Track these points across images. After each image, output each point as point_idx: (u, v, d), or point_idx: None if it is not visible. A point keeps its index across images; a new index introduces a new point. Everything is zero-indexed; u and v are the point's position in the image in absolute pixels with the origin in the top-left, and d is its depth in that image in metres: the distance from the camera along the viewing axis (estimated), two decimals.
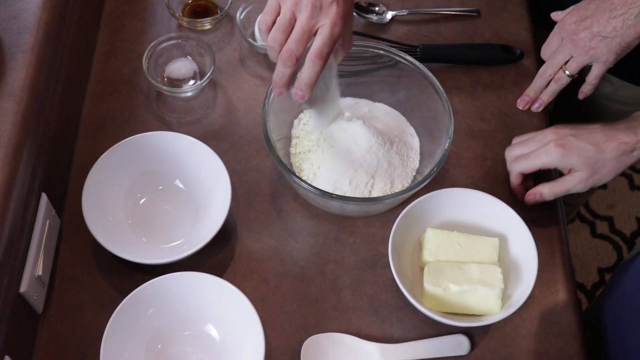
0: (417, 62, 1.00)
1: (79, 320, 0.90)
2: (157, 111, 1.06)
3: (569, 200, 0.96)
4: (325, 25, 0.83)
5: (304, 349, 0.88)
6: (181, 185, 0.98)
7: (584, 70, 1.05)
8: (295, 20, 0.83)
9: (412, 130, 1.04)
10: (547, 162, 0.93)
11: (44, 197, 0.88)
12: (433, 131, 1.00)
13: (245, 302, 0.85)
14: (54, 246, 0.93)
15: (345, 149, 0.97)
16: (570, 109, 1.26)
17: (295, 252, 0.96)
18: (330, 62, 0.91)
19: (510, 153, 0.99)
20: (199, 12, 1.14)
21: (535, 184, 0.99)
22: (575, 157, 0.92)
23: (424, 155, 1.02)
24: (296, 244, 0.97)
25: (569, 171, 0.94)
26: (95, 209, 0.91)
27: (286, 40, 0.83)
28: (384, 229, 0.97)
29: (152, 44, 1.05)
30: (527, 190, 0.99)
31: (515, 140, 1.00)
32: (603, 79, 1.07)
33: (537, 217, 0.99)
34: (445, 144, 0.94)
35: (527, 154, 0.96)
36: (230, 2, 1.11)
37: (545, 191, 0.95)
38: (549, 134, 0.94)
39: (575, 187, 0.93)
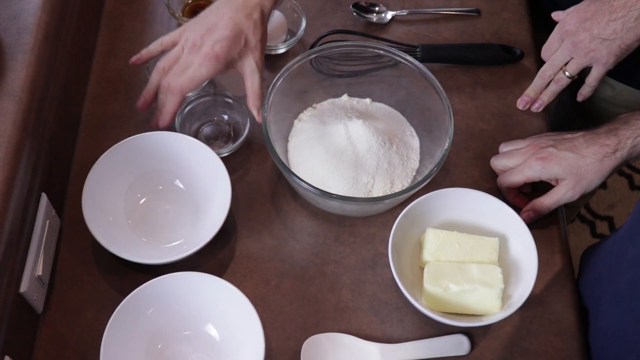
0: (417, 62, 1.00)
1: (79, 320, 0.90)
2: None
3: (569, 202, 0.97)
4: (194, 64, 0.92)
5: (304, 349, 0.88)
6: (181, 185, 0.98)
7: (584, 72, 1.05)
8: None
9: (412, 130, 1.04)
10: (529, 176, 0.95)
11: (44, 197, 0.88)
12: (433, 131, 1.00)
13: (245, 302, 0.85)
14: (54, 246, 0.93)
15: (345, 149, 0.97)
16: (571, 110, 1.26)
17: (295, 252, 0.96)
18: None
19: (495, 163, 1.01)
20: (198, 12, 1.13)
21: (534, 189, 1.00)
22: (556, 167, 0.93)
23: (424, 155, 1.02)
24: (296, 244, 0.97)
25: (557, 182, 0.95)
26: (95, 209, 0.91)
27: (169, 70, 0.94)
28: (384, 229, 0.97)
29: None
30: (525, 194, 1.00)
31: (502, 147, 1.02)
32: (603, 82, 1.07)
33: None
34: (445, 144, 0.95)
35: (511, 169, 0.98)
36: None
37: (537, 206, 0.96)
38: (531, 148, 0.96)
39: (565, 196, 0.94)
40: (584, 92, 1.08)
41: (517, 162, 0.97)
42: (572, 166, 0.93)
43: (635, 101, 1.16)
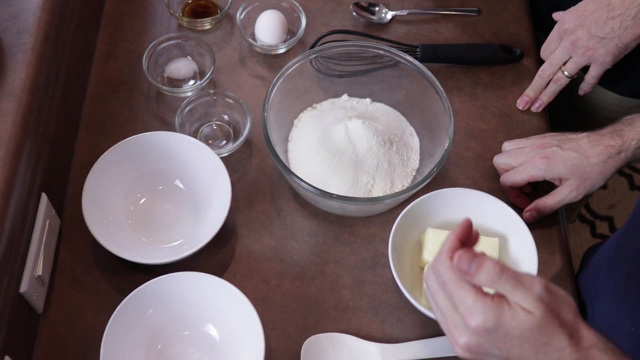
0: (417, 62, 1.00)
1: (79, 320, 0.90)
2: (157, 111, 1.06)
3: (569, 204, 0.97)
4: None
5: (304, 349, 0.88)
6: (181, 185, 0.98)
7: (585, 69, 1.05)
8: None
9: (412, 130, 1.04)
10: (533, 175, 0.95)
11: (44, 197, 0.88)
12: (433, 131, 1.00)
13: (245, 302, 0.85)
14: (54, 246, 0.93)
15: (345, 149, 0.97)
16: (566, 109, 1.26)
17: (295, 252, 0.96)
18: None
19: (498, 161, 1.00)
20: (199, 12, 1.14)
21: (534, 189, 1.00)
22: (560, 167, 0.93)
23: (424, 155, 1.02)
24: (296, 244, 0.97)
25: (560, 182, 0.95)
26: (95, 209, 0.91)
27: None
28: (384, 229, 0.97)
29: (152, 44, 1.05)
30: (526, 194, 1.00)
31: (505, 146, 1.01)
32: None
33: None
34: (445, 144, 0.95)
35: (515, 167, 0.97)
36: (230, 2, 1.11)
37: (540, 206, 0.96)
38: (535, 147, 0.96)
39: (568, 196, 0.94)
40: (584, 88, 1.08)
41: (521, 161, 0.97)
42: (576, 166, 0.92)
43: (616, 104, 1.16)
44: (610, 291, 0.89)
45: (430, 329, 0.91)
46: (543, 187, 0.99)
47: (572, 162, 0.93)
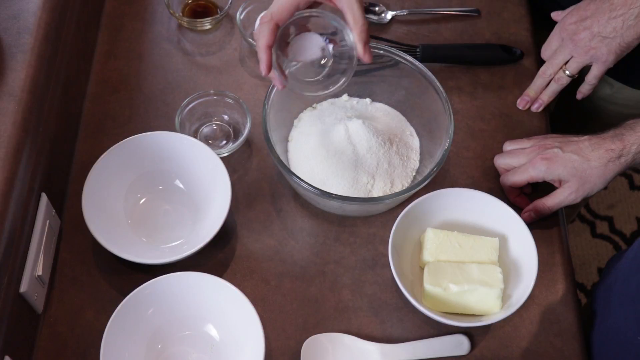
0: (417, 62, 1.00)
1: (79, 320, 0.90)
2: (157, 111, 1.06)
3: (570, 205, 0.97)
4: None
5: (304, 349, 0.88)
6: (181, 185, 0.98)
7: (584, 71, 1.05)
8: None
9: (412, 130, 1.04)
10: (533, 175, 0.95)
11: (44, 197, 0.88)
12: (433, 131, 1.00)
13: (245, 302, 0.85)
14: (54, 246, 0.93)
15: (345, 149, 0.97)
16: (570, 109, 1.26)
17: (295, 252, 0.96)
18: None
19: (499, 161, 1.01)
20: (199, 12, 1.14)
21: (534, 190, 1.00)
22: (561, 168, 0.93)
23: (424, 155, 1.02)
24: (296, 244, 0.97)
25: (560, 183, 0.95)
26: (95, 209, 0.91)
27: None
28: (384, 229, 0.97)
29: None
30: (525, 194, 1.00)
31: (506, 146, 1.01)
32: (602, 80, 1.07)
33: None
34: (445, 144, 0.95)
35: (515, 167, 0.97)
36: (230, 2, 1.11)
37: (539, 207, 0.96)
38: (537, 148, 0.96)
39: (567, 199, 0.94)
40: (583, 90, 1.08)
41: (522, 161, 0.97)
42: (576, 169, 0.93)
43: (634, 100, 1.16)
44: (622, 300, 0.89)
45: (430, 329, 0.91)
46: (543, 186, 0.99)
47: (573, 164, 0.93)
